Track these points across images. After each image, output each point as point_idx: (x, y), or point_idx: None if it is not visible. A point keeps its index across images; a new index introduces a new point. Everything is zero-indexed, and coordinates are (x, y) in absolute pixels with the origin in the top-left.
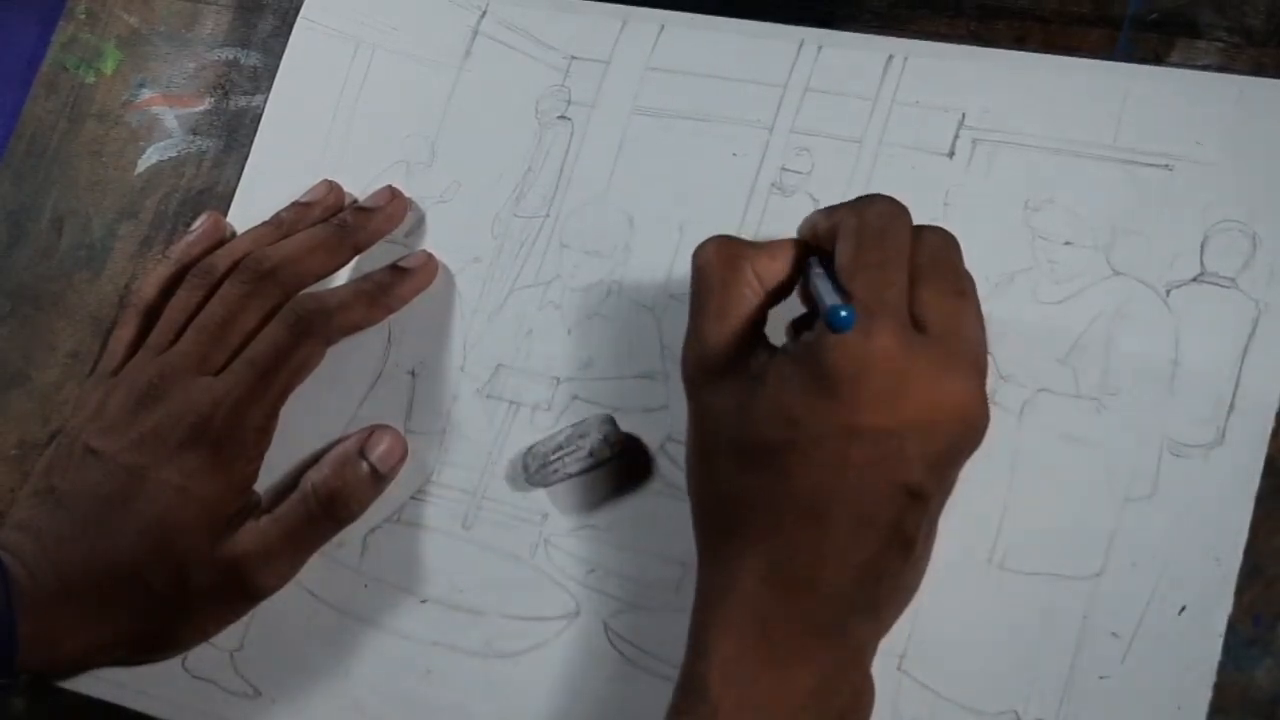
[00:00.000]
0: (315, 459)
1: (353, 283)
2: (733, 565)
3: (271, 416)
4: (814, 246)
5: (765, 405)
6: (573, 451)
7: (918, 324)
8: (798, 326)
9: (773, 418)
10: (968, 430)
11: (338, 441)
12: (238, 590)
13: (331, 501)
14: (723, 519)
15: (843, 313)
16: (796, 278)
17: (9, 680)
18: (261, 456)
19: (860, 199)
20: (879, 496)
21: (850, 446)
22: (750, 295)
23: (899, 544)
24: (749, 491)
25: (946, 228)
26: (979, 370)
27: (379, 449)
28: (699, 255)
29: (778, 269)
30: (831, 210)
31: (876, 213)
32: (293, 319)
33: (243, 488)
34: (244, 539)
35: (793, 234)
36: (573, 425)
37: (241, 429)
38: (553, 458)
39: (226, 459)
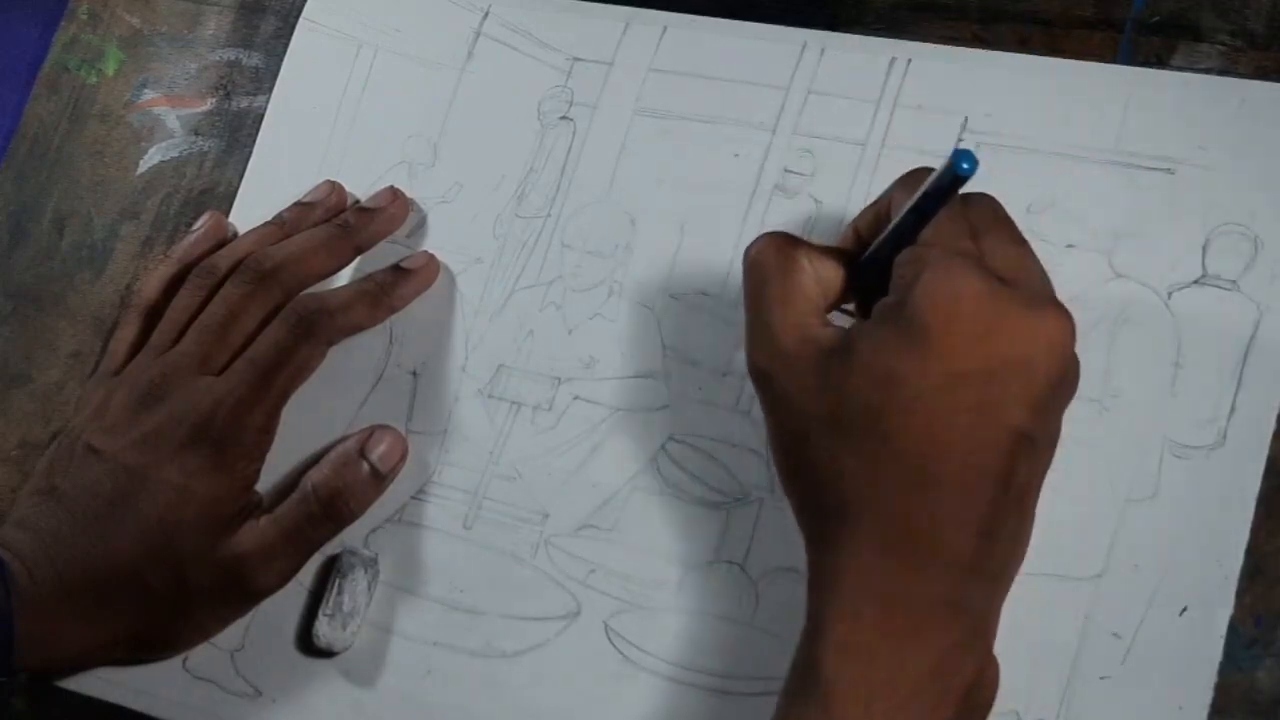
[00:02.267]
0: (316, 459)
1: (354, 283)
2: (845, 544)
3: (273, 417)
4: (861, 247)
5: (856, 372)
6: (354, 588)
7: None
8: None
9: (867, 383)
10: (1065, 367)
11: (338, 442)
12: (238, 590)
13: (332, 501)
14: (828, 500)
15: (964, 165)
16: (847, 278)
17: (7, 679)
18: (263, 457)
19: (903, 176)
20: (987, 445)
21: (952, 395)
22: (810, 282)
23: (1013, 496)
24: (852, 466)
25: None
26: (1064, 311)
27: (379, 449)
28: (752, 249)
29: (831, 263)
30: (873, 203)
31: (928, 182)
32: (294, 319)
33: (243, 488)
34: (244, 539)
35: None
36: (330, 578)
37: (243, 429)
38: (346, 609)
39: (228, 459)
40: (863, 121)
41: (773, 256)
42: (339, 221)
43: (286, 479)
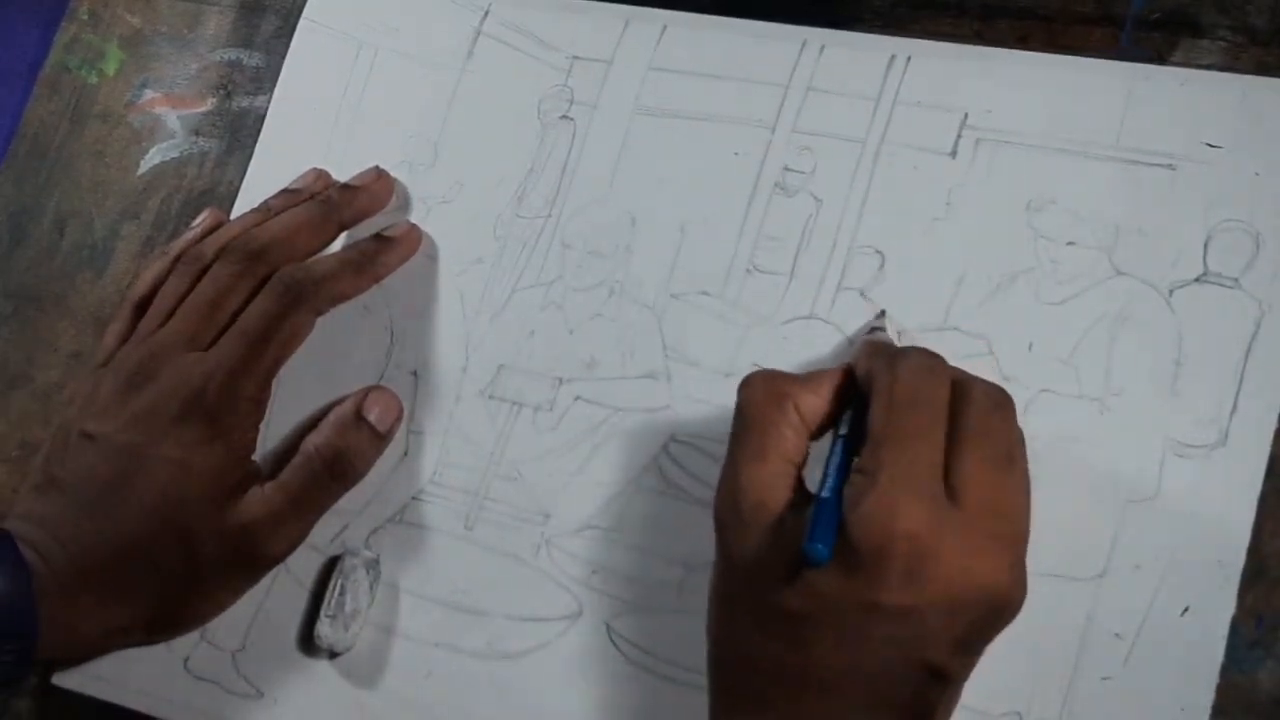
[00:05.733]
0: (311, 424)
1: (339, 252)
2: None
3: (264, 387)
4: (858, 376)
5: (788, 571)
6: (355, 589)
7: (954, 493)
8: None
9: (794, 585)
10: (996, 611)
11: (333, 405)
12: (248, 558)
13: (335, 463)
14: (738, 678)
15: (819, 546)
16: (840, 410)
17: (29, 670)
18: (257, 426)
19: (897, 354)
20: (897, 676)
21: (870, 624)
22: (791, 435)
23: None
24: (765, 656)
25: (997, 386)
26: (1015, 545)
27: (376, 409)
28: (744, 390)
29: (821, 405)
30: (871, 354)
31: (911, 370)
32: (281, 289)
33: (242, 457)
34: (250, 507)
35: (793, 235)
36: (332, 578)
37: (236, 399)
38: (348, 610)
39: (223, 429)
40: (862, 119)
41: (760, 404)
42: (322, 198)
43: (283, 445)
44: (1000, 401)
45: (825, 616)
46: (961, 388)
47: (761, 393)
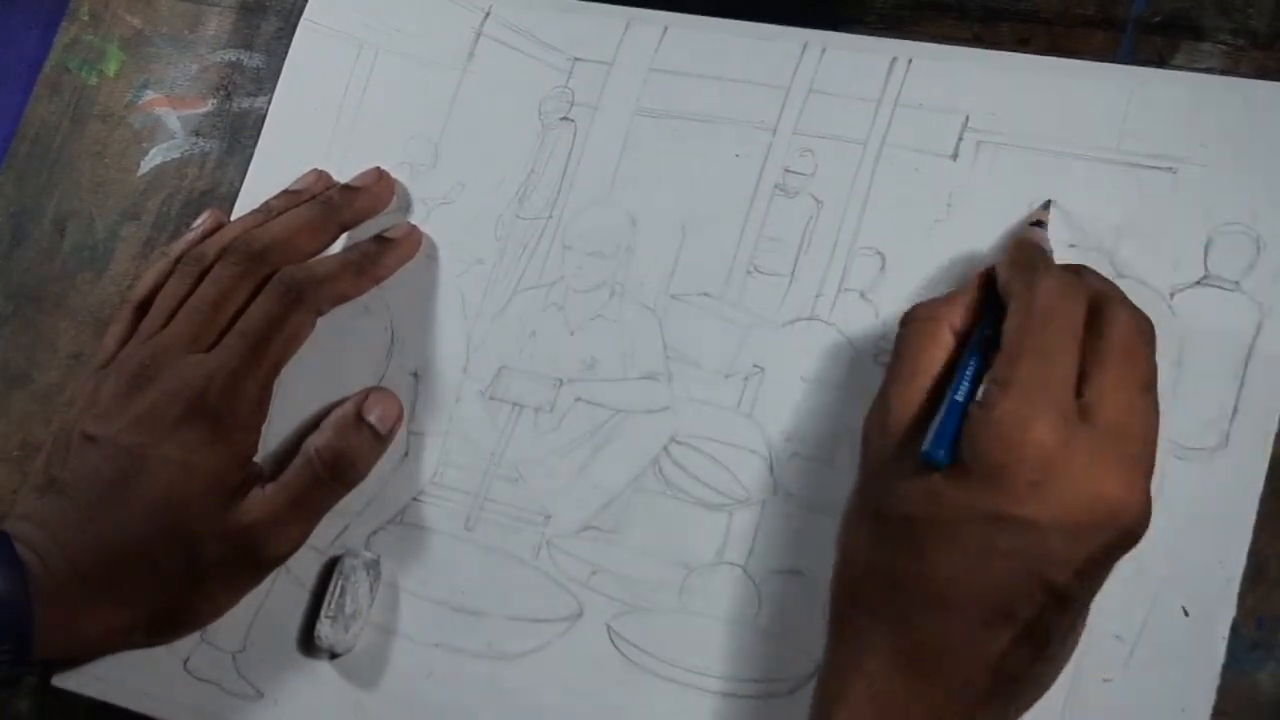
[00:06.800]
0: (313, 425)
1: (339, 253)
2: (859, 640)
3: (266, 388)
4: (999, 285)
5: (912, 478)
6: (356, 590)
7: (1086, 410)
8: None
9: (917, 492)
10: (1122, 534)
11: (333, 406)
12: (249, 560)
13: (336, 464)
14: (855, 589)
15: (938, 448)
16: (981, 314)
17: (26, 670)
18: (259, 428)
19: (1037, 270)
20: (1017, 591)
21: (991, 535)
22: (941, 354)
23: (1033, 643)
24: (883, 565)
25: (1143, 314)
26: (1143, 467)
27: (377, 410)
28: (903, 325)
29: (968, 317)
30: (1013, 265)
31: (1047, 290)
32: (282, 289)
33: (244, 458)
34: (252, 508)
35: (794, 236)
36: (332, 579)
37: (237, 400)
38: (348, 611)
39: (225, 430)
40: (863, 121)
41: (915, 332)
42: (323, 199)
43: (285, 446)
44: (1144, 330)
45: (945, 524)
46: (1110, 309)
47: (917, 322)
